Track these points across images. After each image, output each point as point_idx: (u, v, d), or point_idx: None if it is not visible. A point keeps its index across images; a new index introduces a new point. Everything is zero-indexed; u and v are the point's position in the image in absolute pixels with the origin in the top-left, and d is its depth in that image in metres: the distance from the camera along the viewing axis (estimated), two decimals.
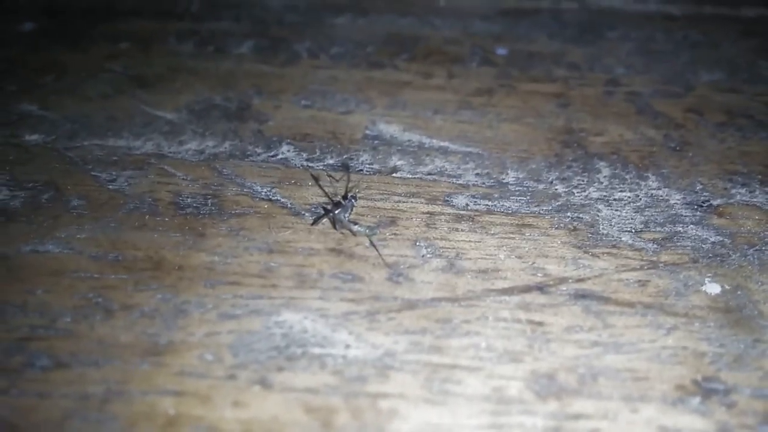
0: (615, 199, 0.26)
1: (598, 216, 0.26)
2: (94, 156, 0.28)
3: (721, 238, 0.25)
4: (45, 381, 0.20)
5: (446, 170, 0.28)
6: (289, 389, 0.20)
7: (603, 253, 0.24)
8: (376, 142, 0.29)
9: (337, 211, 0.24)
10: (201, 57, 0.35)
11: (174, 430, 0.19)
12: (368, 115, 0.30)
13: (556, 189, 0.27)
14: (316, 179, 0.27)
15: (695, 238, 0.25)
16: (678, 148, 0.29)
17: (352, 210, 0.25)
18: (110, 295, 0.22)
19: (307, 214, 0.25)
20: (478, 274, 0.23)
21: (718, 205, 0.26)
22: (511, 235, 0.25)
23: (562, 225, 0.25)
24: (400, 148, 0.29)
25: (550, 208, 0.26)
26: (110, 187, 0.26)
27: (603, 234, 0.25)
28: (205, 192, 0.26)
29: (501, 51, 0.36)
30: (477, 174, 0.28)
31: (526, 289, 0.23)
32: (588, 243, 0.24)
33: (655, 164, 0.28)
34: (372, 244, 0.24)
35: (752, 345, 0.21)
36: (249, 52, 0.35)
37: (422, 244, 0.24)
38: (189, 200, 0.26)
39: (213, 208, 0.25)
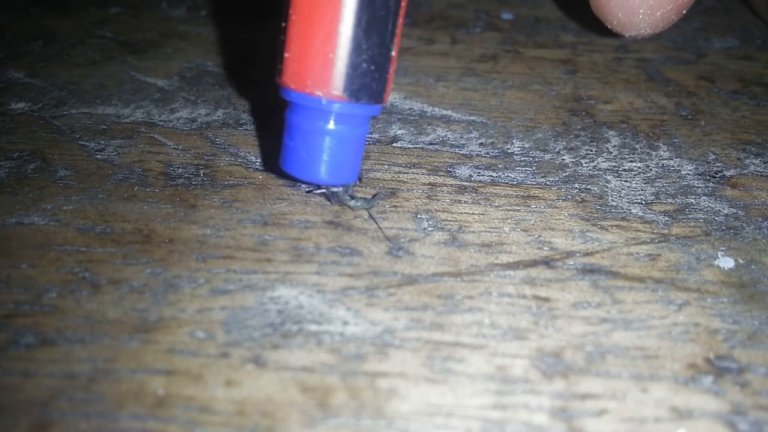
0: (624, 170, 0.25)
1: (606, 187, 0.25)
2: (81, 124, 0.27)
3: (734, 210, 0.24)
4: (30, 359, 0.19)
5: (449, 140, 0.27)
6: (284, 368, 0.19)
7: (612, 226, 0.23)
8: None
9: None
10: (193, 22, 0.33)
11: (164, 411, 0.18)
12: None
13: (563, 159, 0.26)
14: None
15: (708, 210, 0.24)
16: (690, 117, 0.28)
17: (352, 185, 0.24)
18: (98, 270, 0.21)
19: (303, 185, 0.24)
20: (481, 247, 0.22)
21: (731, 176, 0.25)
22: (516, 208, 0.24)
23: (569, 197, 0.24)
24: (400, 116, 0.28)
25: (557, 179, 0.25)
26: (98, 156, 0.25)
27: (612, 206, 0.24)
28: (197, 162, 0.25)
29: (506, 16, 0.34)
30: (481, 144, 0.27)
31: (532, 263, 0.22)
32: (596, 215, 0.24)
33: (666, 133, 0.27)
34: (371, 216, 0.23)
35: (767, 322, 0.20)
36: (243, 17, 0.34)
37: (423, 217, 0.23)
38: (180, 170, 0.25)
39: (205, 178, 0.24)
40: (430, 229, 0.23)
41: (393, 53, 0.21)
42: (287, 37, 0.21)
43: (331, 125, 0.21)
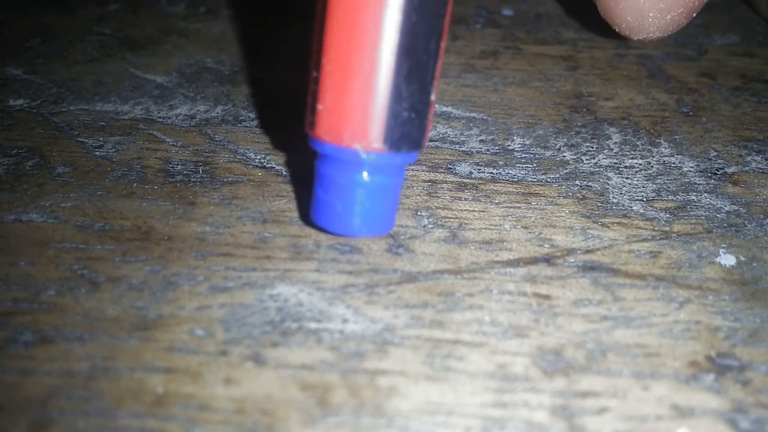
0: (625, 167, 0.25)
1: (607, 184, 0.25)
2: (80, 121, 0.27)
3: (736, 208, 0.24)
4: (28, 357, 0.19)
5: (449, 136, 0.27)
6: (283, 366, 0.19)
7: (613, 223, 0.23)
8: None
9: None
10: (192, 18, 0.33)
11: (163, 409, 0.18)
12: None
13: (564, 156, 0.26)
14: None
15: (709, 208, 0.24)
16: (691, 114, 0.28)
17: None
18: (96, 267, 0.21)
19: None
20: (481, 245, 0.22)
21: (732, 173, 0.25)
22: (517, 205, 0.24)
23: (570, 194, 0.24)
24: None
25: (558, 176, 0.25)
26: (97, 153, 0.25)
27: (613, 203, 0.24)
28: (196, 159, 0.25)
29: (507, 12, 0.34)
30: (481, 140, 0.26)
31: (532, 260, 0.22)
32: (597, 212, 0.23)
33: (667, 130, 0.27)
34: None
35: None
36: (242, 13, 0.33)
37: (423, 214, 0.23)
38: (179, 167, 0.25)
39: (204, 175, 0.24)
40: (430, 226, 0.23)
41: (432, 97, 0.20)
42: (320, 88, 0.19)
43: (369, 177, 0.20)
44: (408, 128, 0.19)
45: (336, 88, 0.19)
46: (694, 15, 0.26)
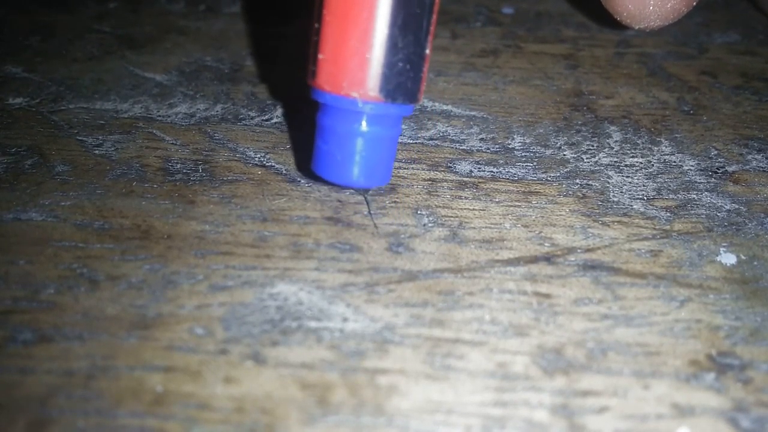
0: (626, 165, 0.25)
1: (608, 183, 0.25)
2: (79, 120, 0.27)
3: (736, 206, 0.24)
4: (28, 356, 0.19)
5: (449, 135, 0.26)
6: (283, 364, 0.19)
7: (613, 222, 0.23)
8: None
9: None
10: (192, 16, 0.33)
11: (162, 408, 0.18)
12: None
13: (564, 155, 0.26)
14: None
15: (710, 206, 0.24)
16: (692, 112, 0.28)
17: None
18: (96, 266, 0.21)
19: (302, 181, 0.24)
20: (482, 243, 0.22)
21: (733, 172, 0.25)
22: (517, 203, 0.24)
23: (570, 192, 0.24)
24: None
25: (558, 174, 0.25)
26: (96, 152, 0.25)
27: (613, 202, 0.24)
28: (195, 157, 0.25)
29: (507, 10, 0.34)
30: (481, 139, 0.26)
31: (533, 259, 0.22)
32: (598, 211, 0.23)
33: (667, 129, 0.27)
34: (369, 212, 0.23)
35: None
36: (242, 11, 0.33)
37: (423, 213, 0.23)
38: (179, 166, 0.25)
39: (204, 174, 0.24)
40: (430, 225, 0.23)
41: (427, 51, 0.21)
42: (321, 38, 0.20)
43: (367, 126, 0.21)
44: (403, 79, 0.20)
45: (336, 38, 0.20)
46: (695, 3, 0.26)
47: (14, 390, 0.18)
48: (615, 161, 0.25)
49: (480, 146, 0.26)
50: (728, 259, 0.22)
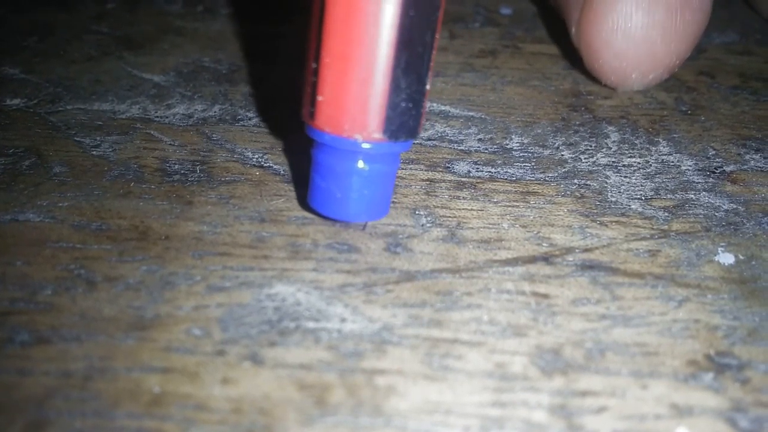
0: (624, 165, 0.25)
1: (606, 183, 0.25)
2: (77, 121, 0.27)
3: (734, 206, 0.24)
4: (25, 357, 0.19)
5: (447, 135, 0.26)
6: (281, 365, 0.19)
7: (611, 222, 0.23)
8: None
9: None
10: (190, 17, 0.33)
11: (160, 409, 0.18)
12: None
13: (562, 155, 0.26)
14: None
15: (708, 206, 0.24)
16: (690, 112, 0.28)
17: None
18: (93, 267, 0.21)
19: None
20: (480, 244, 0.22)
21: (731, 172, 0.25)
22: (515, 204, 0.24)
23: (568, 192, 0.24)
24: None
25: (556, 174, 0.25)
26: (94, 153, 0.25)
27: (611, 202, 0.24)
28: (193, 158, 0.25)
29: (505, 11, 0.34)
30: (479, 139, 0.26)
31: (531, 259, 0.22)
32: (596, 211, 0.23)
33: (665, 129, 0.27)
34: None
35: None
36: (240, 11, 0.33)
37: (421, 213, 0.23)
38: (176, 167, 0.25)
39: (202, 175, 0.24)
40: (428, 225, 0.23)
41: (428, 87, 0.20)
42: (320, 80, 0.20)
43: (367, 165, 0.20)
44: (406, 118, 0.20)
45: (336, 81, 0.19)
46: (676, 70, 0.28)
47: (12, 391, 0.18)
48: (613, 161, 0.25)
49: (478, 146, 0.26)
50: (726, 258, 0.22)
